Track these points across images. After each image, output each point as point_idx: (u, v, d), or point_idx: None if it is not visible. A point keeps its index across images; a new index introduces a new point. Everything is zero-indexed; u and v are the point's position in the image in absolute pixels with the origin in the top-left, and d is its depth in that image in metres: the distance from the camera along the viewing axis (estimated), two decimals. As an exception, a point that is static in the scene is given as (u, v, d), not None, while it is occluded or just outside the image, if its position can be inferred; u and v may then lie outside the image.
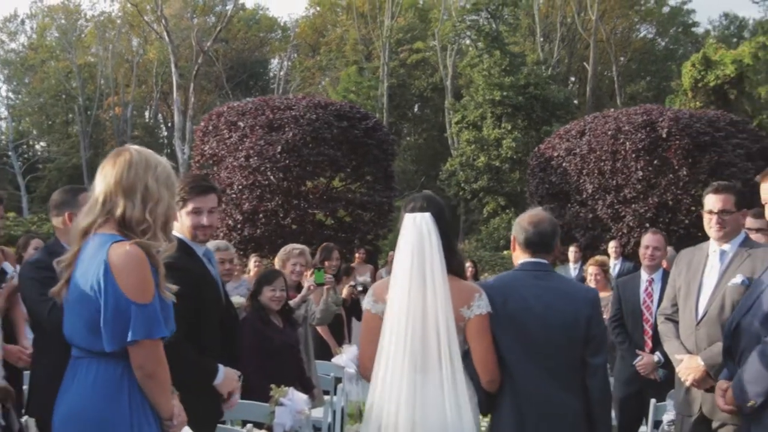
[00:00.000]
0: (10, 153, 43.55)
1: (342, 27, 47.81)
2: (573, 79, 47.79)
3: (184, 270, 4.00)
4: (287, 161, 17.07)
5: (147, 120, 52.28)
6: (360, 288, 10.50)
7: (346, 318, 10.07)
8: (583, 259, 11.84)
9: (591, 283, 8.43)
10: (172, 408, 3.24)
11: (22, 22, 50.77)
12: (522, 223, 3.95)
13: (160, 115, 52.29)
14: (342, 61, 45.19)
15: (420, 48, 43.32)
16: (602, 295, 8.28)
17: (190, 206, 4.29)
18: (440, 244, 3.66)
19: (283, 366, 5.97)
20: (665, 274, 6.40)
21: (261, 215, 17.50)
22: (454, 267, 3.76)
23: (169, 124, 48.86)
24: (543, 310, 3.75)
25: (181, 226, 4.30)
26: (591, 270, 8.54)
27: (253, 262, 13.21)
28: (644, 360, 6.37)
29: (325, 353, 8.49)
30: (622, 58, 45.96)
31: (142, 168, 3.17)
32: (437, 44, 41.46)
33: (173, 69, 38.72)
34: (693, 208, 15.95)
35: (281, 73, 49.86)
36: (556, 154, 17.86)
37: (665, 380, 6.13)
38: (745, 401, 3.67)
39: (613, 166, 16.56)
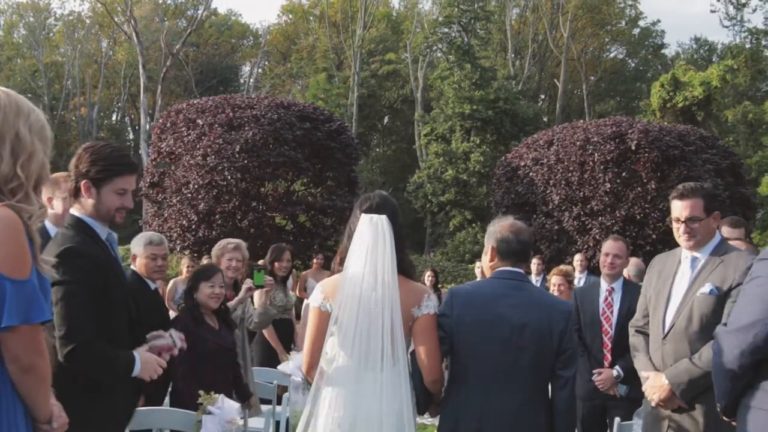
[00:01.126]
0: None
1: (314, 35, 47.29)
2: (543, 96, 47.81)
3: (91, 257, 3.50)
4: (246, 161, 16.34)
5: (114, 122, 51.35)
6: None
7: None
8: (546, 271, 11.34)
9: (554, 293, 7.98)
10: (51, 408, 2.59)
11: (-10, 18, 49.77)
12: (503, 232, 3.89)
13: (127, 117, 51.38)
14: (312, 68, 44.72)
15: (391, 59, 43.04)
16: (566, 306, 7.77)
17: (117, 184, 3.71)
18: (393, 247, 3.64)
19: (216, 371, 5.44)
20: (626, 284, 6.15)
21: (217, 216, 16.75)
22: (404, 268, 3.73)
23: (137, 127, 47.95)
24: (518, 320, 3.69)
25: (96, 203, 3.68)
26: (555, 280, 8.09)
27: (205, 265, 12.64)
28: (603, 375, 5.91)
29: (272, 359, 7.91)
30: (592, 77, 46.04)
31: (13, 113, 2.51)
32: (409, 56, 41.15)
33: (141, 71, 38.06)
34: (660, 224, 15.52)
35: (251, 80, 49.26)
36: (523, 163, 17.29)
37: (627, 396, 5.77)
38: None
39: (580, 177, 16.02)
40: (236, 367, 5.83)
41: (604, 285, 6.23)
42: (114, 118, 51.66)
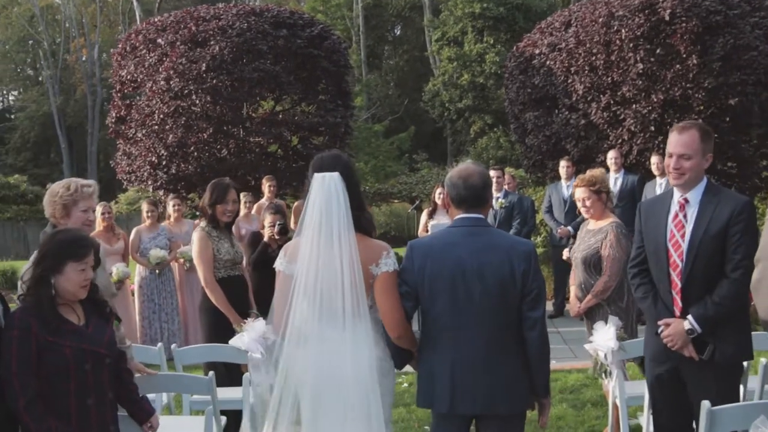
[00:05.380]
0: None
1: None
2: (557, -13, 44.19)
3: None
4: (215, 81, 13.46)
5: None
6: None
7: (256, 279, 6.91)
8: (577, 174, 9.06)
9: (582, 210, 5.92)
10: None
11: (-21, -33, 46.91)
12: (452, 180, 3.77)
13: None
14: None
15: (395, -36, 39.83)
16: (600, 224, 5.48)
17: None
18: (348, 204, 3.60)
19: (84, 390, 3.62)
20: (709, 192, 4.14)
21: (192, 148, 13.97)
22: (362, 225, 3.70)
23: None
24: (479, 267, 3.59)
25: None
26: (579, 193, 5.89)
27: (171, 206, 10.43)
28: (670, 328, 4.08)
29: (224, 330, 5.69)
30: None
31: None
32: (413, -41, 38.10)
33: (135, 3, 35.49)
34: (704, 105, 12.68)
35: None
36: (537, 51, 14.21)
37: (712, 359, 4.00)
38: None
39: (606, 59, 12.96)
40: (124, 375, 3.98)
41: (676, 195, 4.22)
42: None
